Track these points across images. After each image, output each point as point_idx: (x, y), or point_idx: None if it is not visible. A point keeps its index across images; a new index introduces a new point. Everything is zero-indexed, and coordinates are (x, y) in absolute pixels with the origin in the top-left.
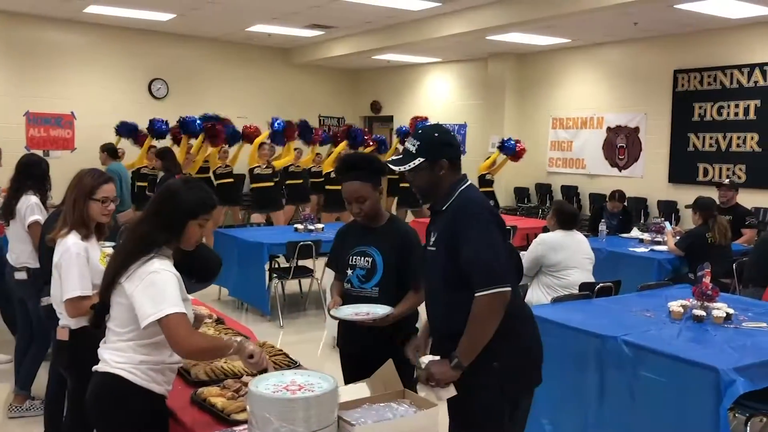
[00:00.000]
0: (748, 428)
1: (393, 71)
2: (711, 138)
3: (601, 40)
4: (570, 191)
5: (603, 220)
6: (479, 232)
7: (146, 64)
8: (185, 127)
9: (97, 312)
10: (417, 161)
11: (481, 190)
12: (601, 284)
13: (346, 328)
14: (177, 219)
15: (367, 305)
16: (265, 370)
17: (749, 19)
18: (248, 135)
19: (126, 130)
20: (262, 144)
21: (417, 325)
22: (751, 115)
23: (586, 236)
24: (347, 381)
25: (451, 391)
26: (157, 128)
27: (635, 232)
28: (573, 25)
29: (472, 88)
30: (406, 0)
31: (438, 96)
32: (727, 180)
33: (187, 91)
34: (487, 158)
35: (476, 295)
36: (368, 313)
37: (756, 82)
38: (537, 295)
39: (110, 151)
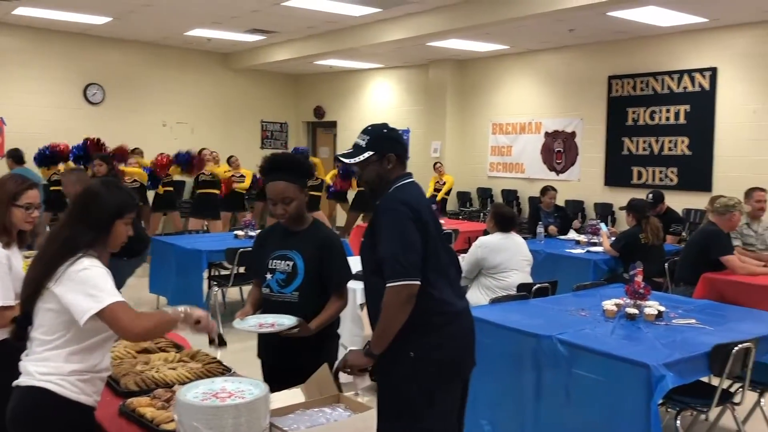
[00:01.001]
0: (678, 422)
1: (336, 76)
2: (644, 142)
3: (538, 46)
4: (510, 195)
5: (540, 223)
6: (391, 227)
7: (81, 69)
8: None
9: (20, 324)
10: (367, 154)
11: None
12: (539, 285)
13: (266, 338)
14: (104, 220)
15: (273, 315)
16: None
17: (678, 27)
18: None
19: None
20: (202, 150)
21: (339, 331)
22: (681, 120)
23: (525, 238)
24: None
25: (366, 380)
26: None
27: (572, 234)
28: (510, 32)
29: (414, 94)
30: (347, 6)
31: (381, 101)
32: (650, 197)
33: (125, 96)
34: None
35: (386, 286)
36: (273, 324)
37: (685, 88)
38: (476, 297)
39: (15, 158)
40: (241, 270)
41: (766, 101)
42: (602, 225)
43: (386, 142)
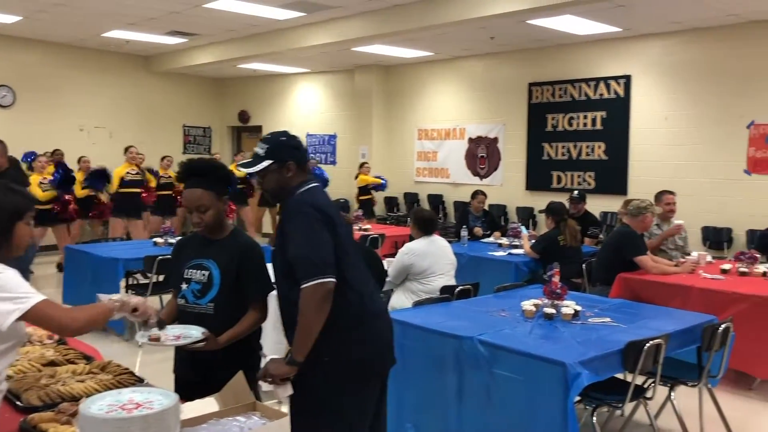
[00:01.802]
0: (595, 418)
1: (261, 81)
2: (563, 147)
3: (462, 53)
4: (436, 200)
5: (464, 227)
6: (300, 229)
7: None
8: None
9: None
10: (266, 163)
11: (361, 198)
12: (461, 287)
13: (179, 351)
14: (3, 223)
15: (181, 327)
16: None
17: (594, 36)
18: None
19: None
20: (129, 148)
21: (261, 341)
22: (598, 126)
23: (450, 242)
24: None
25: (288, 389)
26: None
27: (494, 237)
28: (434, 39)
29: (340, 99)
30: (270, 9)
31: (307, 106)
32: (576, 193)
33: (38, 99)
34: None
35: (301, 287)
36: (179, 336)
37: (601, 95)
38: (401, 301)
39: None
40: (162, 278)
41: (676, 108)
42: (523, 228)
43: (285, 150)
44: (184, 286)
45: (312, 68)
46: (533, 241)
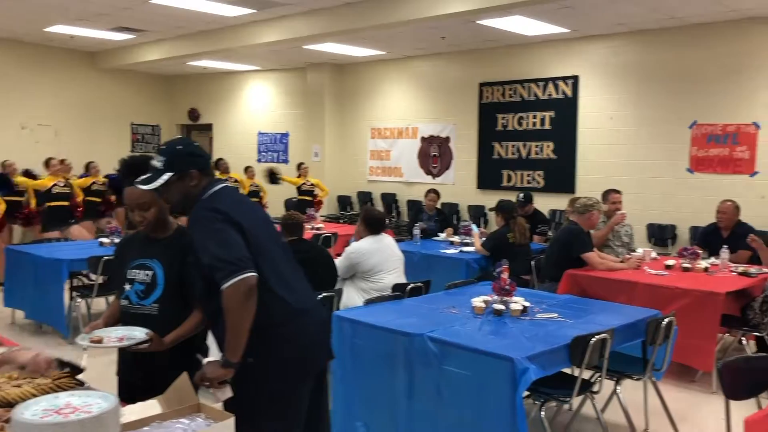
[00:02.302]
0: (543, 413)
1: (211, 78)
2: (513, 147)
3: (413, 53)
4: (389, 198)
5: (417, 224)
6: (205, 235)
7: None
8: None
9: None
10: (165, 176)
11: (300, 198)
12: (412, 284)
13: (122, 353)
14: None
15: (125, 328)
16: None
17: (543, 36)
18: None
19: None
20: (49, 160)
21: (208, 342)
22: (547, 125)
23: (399, 240)
24: None
25: (227, 392)
26: None
27: (443, 235)
28: (386, 38)
29: (292, 97)
30: (219, 6)
31: (259, 104)
32: (521, 196)
33: None
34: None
35: (222, 289)
36: (122, 338)
37: (550, 95)
38: (352, 299)
39: None
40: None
41: (622, 108)
42: (474, 226)
43: (184, 159)
44: (127, 286)
45: (263, 66)
46: (484, 238)
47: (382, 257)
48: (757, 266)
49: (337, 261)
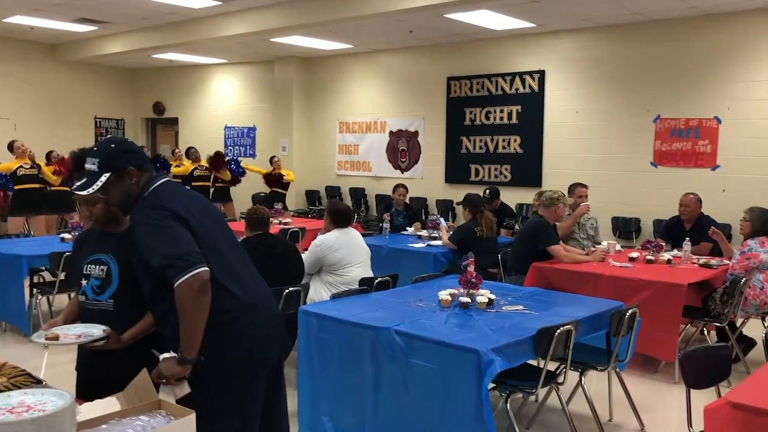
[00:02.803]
0: (508, 405)
1: (177, 71)
2: (480, 141)
3: (382, 46)
4: (358, 193)
5: (387, 218)
6: (149, 235)
7: None
8: None
9: None
10: (103, 178)
11: (272, 191)
12: (380, 278)
13: (83, 350)
14: None
15: (84, 325)
16: None
17: (510, 31)
18: None
19: None
20: (13, 142)
21: None
22: (514, 120)
23: (366, 235)
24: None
25: (185, 389)
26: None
27: (411, 229)
28: (353, 31)
29: (260, 91)
30: None
31: (225, 98)
32: (487, 192)
33: None
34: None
35: (174, 286)
36: (80, 335)
37: (517, 90)
38: (319, 293)
39: None
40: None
41: (587, 103)
42: (442, 220)
43: (119, 157)
44: (83, 282)
45: (230, 59)
46: (451, 232)
47: (348, 251)
48: (718, 258)
49: (304, 255)
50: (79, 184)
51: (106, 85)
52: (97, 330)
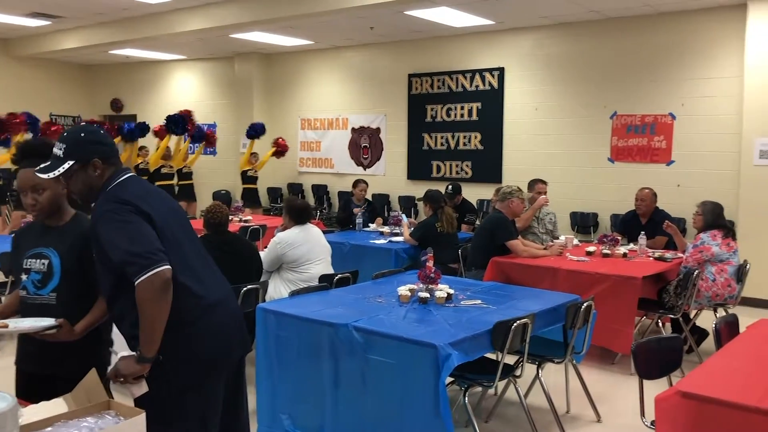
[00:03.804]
0: (467, 398)
1: (134, 67)
2: (442, 137)
3: (343, 43)
4: (320, 190)
5: (358, 212)
6: (113, 230)
7: None
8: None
9: None
10: (67, 165)
11: (244, 186)
12: (340, 275)
13: (24, 344)
14: None
15: (32, 319)
16: None
17: (470, 28)
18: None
19: None
20: None
21: (113, 336)
22: (474, 117)
23: (328, 232)
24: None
25: (143, 387)
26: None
27: (373, 226)
28: (314, 27)
29: (220, 88)
30: None
31: (185, 95)
32: (450, 188)
33: None
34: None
35: (135, 284)
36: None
37: (477, 87)
38: (278, 291)
39: None
40: None
41: (546, 100)
42: (403, 216)
43: (87, 147)
44: (23, 276)
45: (189, 55)
46: (413, 228)
47: (308, 247)
48: (672, 251)
49: (263, 253)
50: (42, 166)
51: (62, 81)
52: (44, 322)
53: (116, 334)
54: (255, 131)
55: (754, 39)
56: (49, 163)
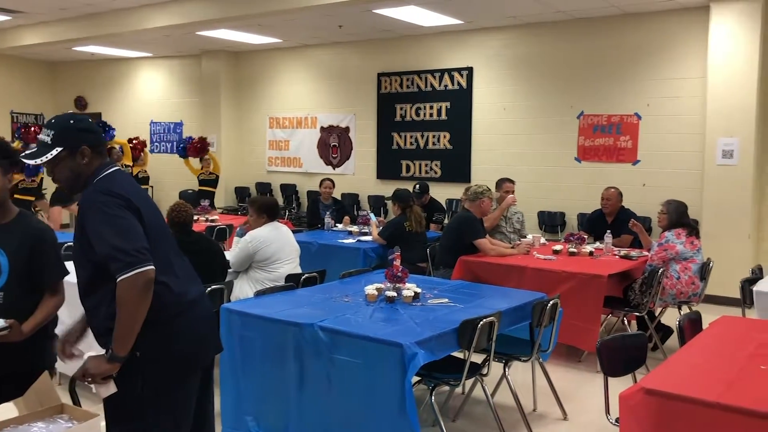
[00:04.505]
0: (433, 398)
1: (99, 65)
2: (411, 137)
3: (311, 41)
4: (288, 189)
5: (327, 213)
6: (102, 221)
7: None
8: None
9: None
10: (55, 151)
11: (200, 189)
12: (307, 274)
13: None
14: None
15: None
16: None
17: (439, 28)
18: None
19: None
20: None
21: (57, 331)
22: (443, 116)
23: (296, 231)
24: None
25: (111, 388)
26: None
27: (341, 225)
28: (282, 25)
29: (187, 86)
30: None
31: (151, 92)
32: (417, 188)
33: None
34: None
35: (118, 280)
36: None
37: (446, 86)
38: (244, 290)
39: None
40: None
41: (514, 99)
42: (372, 215)
43: (76, 134)
44: None
45: (155, 52)
46: (381, 227)
47: (279, 246)
48: (638, 249)
49: (230, 253)
50: (29, 152)
51: (24, 78)
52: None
53: (60, 330)
54: (184, 150)
55: (716, 40)
56: (36, 149)
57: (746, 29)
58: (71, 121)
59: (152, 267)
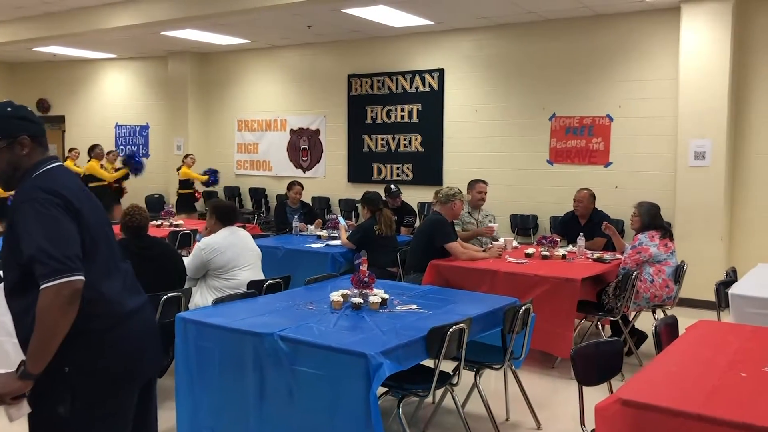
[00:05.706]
0: (401, 409)
1: (62, 66)
2: (382, 139)
3: (280, 42)
4: (258, 193)
5: (295, 217)
6: (35, 220)
7: None
8: None
9: None
10: None
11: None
12: (270, 281)
13: None
14: None
15: None
16: None
17: (409, 28)
18: None
19: None
20: None
21: None
22: (414, 118)
23: (258, 236)
24: None
25: (24, 408)
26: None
27: (312, 228)
28: (249, 25)
29: (153, 87)
30: None
31: (116, 95)
32: (393, 188)
33: None
34: None
35: (41, 288)
36: None
37: (417, 88)
38: (205, 299)
39: None
40: None
41: (485, 101)
42: (341, 219)
43: (14, 123)
44: None
45: (120, 54)
46: (350, 231)
47: (236, 251)
48: (611, 252)
49: (186, 260)
50: None
51: None
52: None
53: None
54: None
55: (687, 42)
56: None
57: (717, 30)
58: (8, 109)
59: (81, 278)
